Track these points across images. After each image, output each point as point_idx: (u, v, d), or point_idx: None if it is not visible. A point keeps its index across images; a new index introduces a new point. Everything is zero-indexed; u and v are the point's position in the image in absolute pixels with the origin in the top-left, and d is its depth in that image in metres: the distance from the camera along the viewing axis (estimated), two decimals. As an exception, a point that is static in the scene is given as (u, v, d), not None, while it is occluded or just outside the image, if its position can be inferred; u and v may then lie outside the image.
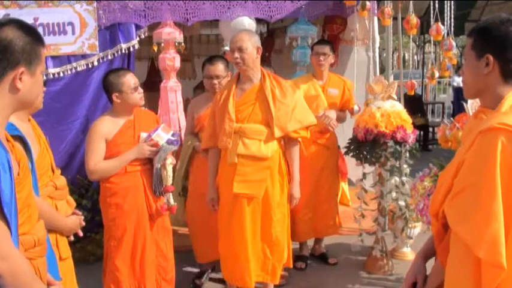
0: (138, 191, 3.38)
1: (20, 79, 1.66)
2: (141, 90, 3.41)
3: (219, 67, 4.04)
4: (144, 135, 3.39)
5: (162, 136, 3.35)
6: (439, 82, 14.85)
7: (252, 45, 3.48)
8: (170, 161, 3.40)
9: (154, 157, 3.37)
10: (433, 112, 13.21)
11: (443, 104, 12.81)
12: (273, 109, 3.48)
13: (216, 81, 4.02)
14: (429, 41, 13.12)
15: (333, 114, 4.38)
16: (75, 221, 2.69)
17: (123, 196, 3.36)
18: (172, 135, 3.41)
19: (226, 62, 4.14)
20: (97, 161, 3.32)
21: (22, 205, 1.71)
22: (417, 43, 16.19)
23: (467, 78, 1.83)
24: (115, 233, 3.38)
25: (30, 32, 1.71)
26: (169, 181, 3.40)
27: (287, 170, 3.67)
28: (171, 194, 3.46)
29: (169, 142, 3.35)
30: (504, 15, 1.76)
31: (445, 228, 1.76)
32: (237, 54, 3.46)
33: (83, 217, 2.76)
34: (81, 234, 2.75)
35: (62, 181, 2.68)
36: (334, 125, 4.40)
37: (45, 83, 2.72)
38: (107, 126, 3.36)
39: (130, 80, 3.36)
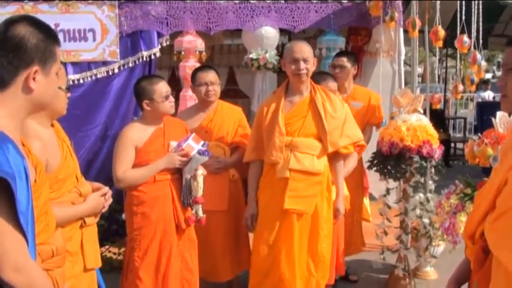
0: (166, 200, 3.29)
1: (34, 79, 1.56)
2: (172, 98, 3.33)
3: (214, 73, 3.85)
4: (173, 144, 3.31)
5: (192, 146, 3.26)
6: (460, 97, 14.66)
7: (312, 57, 3.38)
8: (201, 172, 3.31)
9: (184, 167, 3.29)
10: (454, 127, 13.01)
11: (465, 119, 12.60)
12: (325, 123, 3.36)
13: (211, 88, 3.81)
14: (451, 55, 12.97)
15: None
16: (95, 198, 2.40)
17: (151, 206, 3.26)
18: (203, 145, 3.32)
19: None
20: (125, 169, 3.23)
21: (39, 213, 1.63)
22: (438, 57, 16.01)
23: (510, 91, 1.70)
24: (140, 243, 3.27)
25: (43, 28, 1.61)
26: (200, 192, 3.30)
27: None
28: (200, 205, 3.36)
29: (200, 152, 3.27)
30: None
31: (485, 252, 1.64)
32: (303, 65, 3.31)
33: (107, 188, 2.48)
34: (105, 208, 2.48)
35: (86, 188, 2.57)
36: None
37: (69, 89, 2.64)
38: (137, 134, 3.28)
39: (162, 88, 3.28)
